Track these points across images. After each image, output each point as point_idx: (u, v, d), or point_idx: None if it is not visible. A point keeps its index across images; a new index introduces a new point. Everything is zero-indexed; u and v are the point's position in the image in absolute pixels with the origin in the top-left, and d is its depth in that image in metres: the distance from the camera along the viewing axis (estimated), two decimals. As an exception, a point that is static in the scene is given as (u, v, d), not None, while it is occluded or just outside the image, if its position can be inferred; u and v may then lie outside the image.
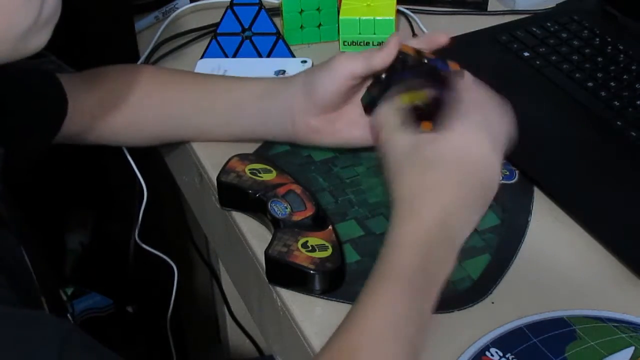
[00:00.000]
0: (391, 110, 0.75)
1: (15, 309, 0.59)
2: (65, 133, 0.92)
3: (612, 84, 0.99)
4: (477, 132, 0.72)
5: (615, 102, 0.96)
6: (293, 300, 0.79)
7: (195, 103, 0.94)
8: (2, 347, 0.55)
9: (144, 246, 1.14)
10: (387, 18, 1.04)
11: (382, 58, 0.81)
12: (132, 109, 0.94)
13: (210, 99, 0.93)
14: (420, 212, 0.70)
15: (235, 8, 1.06)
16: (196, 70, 1.06)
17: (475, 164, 0.71)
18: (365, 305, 0.68)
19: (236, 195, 0.86)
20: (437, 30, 0.80)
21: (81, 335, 0.59)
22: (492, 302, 0.77)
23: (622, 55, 1.03)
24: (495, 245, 0.82)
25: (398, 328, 0.67)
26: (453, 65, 0.78)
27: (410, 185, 0.71)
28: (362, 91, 0.86)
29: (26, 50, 0.63)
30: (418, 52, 0.80)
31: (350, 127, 0.88)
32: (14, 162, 0.73)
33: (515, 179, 0.89)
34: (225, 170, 0.88)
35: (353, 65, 0.83)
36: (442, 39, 0.81)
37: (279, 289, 0.80)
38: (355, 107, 0.87)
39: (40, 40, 0.63)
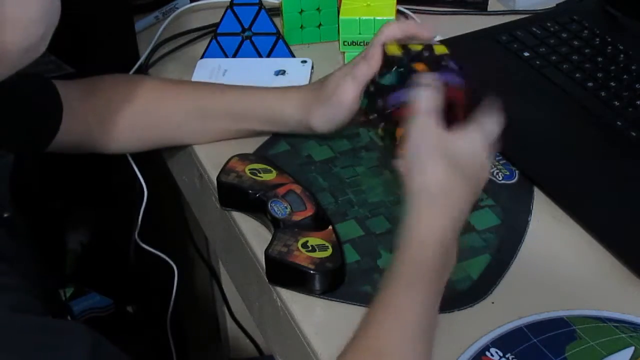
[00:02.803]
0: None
1: (45, 318, 0.60)
2: (59, 142, 0.92)
3: (612, 84, 0.99)
4: (485, 141, 0.74)
5: (615, 102, 0.96)
6: (293, 300, 0.79)
7: (192, 111, 0.94)
8: (35, 355, 0.56)
9: (144, 246, 1.14)
10: (387, 18, 1.04)
11: (367, 71, 0.83)
12: (127, 118, 0.94)
13: (215, 119, 0.94)
14: (445, 211, 0.71)
15: (235, 8, 1.06)
16: (196, 70, 1.06)
17: (484, 170, 0.75)
18: (391, 305, 0.68)
19: (236, 195, 0.86)
20: (425, 26, 0.81)
21: (108, 345, 0.60)
22: (492, 302, 0.77)
23: (622, 55, 1.03)
24: (495, 245, 0.82)
25: (423, 330, 0.68)
26: (439, 49, 0.79)
27: (438, 181, 0.72)
28: None
29: (30, 59, 0.65)
30: (405, 48, 0.80)
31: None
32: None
33: (515, 179, 0.89)
34: (225, 170, 0.88)
35: (354, 92, 0.85)
36: (427, 34, 0.82)
37: (279, 289, 0.80)
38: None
39: (42, 49, 0.65)
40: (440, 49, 0.79)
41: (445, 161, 0.72)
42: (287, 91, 0.93)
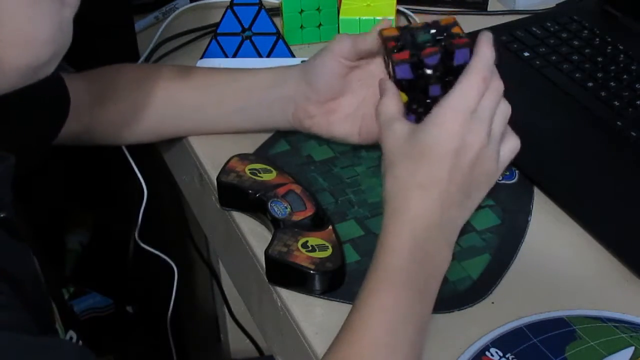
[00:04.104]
0: (390, 101, 0.75)
1: (37, 337, 0.60)
2: (65, 133, 0.92)
3: (612, 84, 0.99)
4: (474, 121, 0.71)
5: (615, 102, 0.96)
6: (293, 300, 0.79)
7: (201, 96, 0.94)
8: None
9: (144, 246, 1.14)
10: (387, 18, 1.04)
11: (366, 41, 0.83)
12: (133, 106, 0.94)
13: (217, 90, 0.94)
14: (411, 209, 0.70)
15: (235, 8, 1.06)
16: (196, 70, 1.06)
17: (471, 152, 0.71)
18: (364, 313, 0.68)
19: (236, 195, 0.86)
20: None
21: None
22: (492, 302, 0.77)
23: (622, 55, 1.03)
24: (495, 245, 0.82)
25: (399, 334, 0.67)
26: (445, 21, 0.77)
27: (402, 179, 0.71)
28: (357, 84, 0.87)
29: (36, 78, 0.65)
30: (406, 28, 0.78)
31: (343, 122, 0.89)
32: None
33: (515, 179, 0.89)
34: (225, 170, 0.88)
35: (342, 45, 0.85)
36: None
37: (279, 289, 0.80)
38: (351, 102, 0.88)
39: (50, 70, 0.65)
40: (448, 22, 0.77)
41: (412, 161, 0.71)
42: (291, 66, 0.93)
